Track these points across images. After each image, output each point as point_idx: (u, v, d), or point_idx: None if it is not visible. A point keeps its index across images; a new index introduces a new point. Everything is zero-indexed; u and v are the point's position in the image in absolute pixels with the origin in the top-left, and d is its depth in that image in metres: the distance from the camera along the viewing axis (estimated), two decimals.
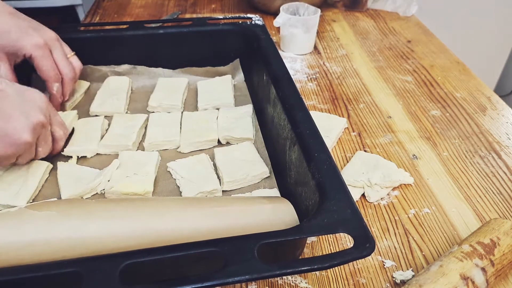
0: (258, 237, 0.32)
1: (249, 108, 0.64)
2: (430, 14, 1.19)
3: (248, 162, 0.54)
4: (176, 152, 0.58)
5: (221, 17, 0.79)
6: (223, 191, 0.52)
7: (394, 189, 0.55)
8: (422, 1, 1.13)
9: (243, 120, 0.62)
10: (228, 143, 0.60)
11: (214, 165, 0.55)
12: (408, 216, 0.52)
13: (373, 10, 1.12)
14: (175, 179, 0.53)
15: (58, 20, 1.43)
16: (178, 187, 0.52)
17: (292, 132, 0.47)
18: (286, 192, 0.50)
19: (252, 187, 0.53)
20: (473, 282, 0.38)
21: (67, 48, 0.62)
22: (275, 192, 0.51)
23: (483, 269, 0.39)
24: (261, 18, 0.74)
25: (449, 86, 0.79)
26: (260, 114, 0.64)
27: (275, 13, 0.92)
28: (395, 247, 0.48)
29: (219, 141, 0.60)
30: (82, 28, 0.73)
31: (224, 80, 0.71)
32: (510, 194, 0.55)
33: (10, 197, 0.48)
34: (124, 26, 0.71)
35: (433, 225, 0.50)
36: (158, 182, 0.53)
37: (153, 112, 0.66)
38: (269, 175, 0.54)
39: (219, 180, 0.53)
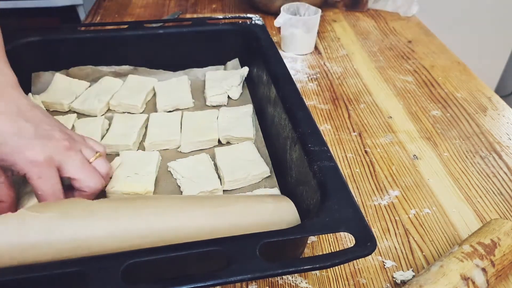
0: (260, 236, 0.32)
1: (249, 108, 0.64)
2: (431, 15, 1.19)
3: (249, 162, 0.54)
4: (177, 152, 0.59)
5: (221, 17, 0.79)
6: (224, 190, 0.52)
7: (394, 189, 0.55)
8: (423, 2, 1.13)
9: (243, 119, 0.62)
10: (228, 143, 0.60)
11: (215, 164, 0.55)
12: (409, 216, 0.52)
13: (374, 10, 1.12)
14: (175, 178, 0.53)
15: (59, 20, 1.43)
16: (179, 186, 0.52)
17: (292, 131, 0.47)
18: (287, 191, 0.50)
19: (253, 187, 0.53)
20: (473, 283, 0.38)
21: (89, 152, 0.47)
22: (276, 191, 0.51)
23: (483, 269, 0.39)
24: (260, 18, 0.75)
25: (450, 86, 0.79)
26: (260, 113, 0.64)
27: (276, 13, 0.92)
28: (395, 247, 0.48)
29: (219, 141, 0.60)
30: (82, 28, 0.73)
31: (181, 81, 0.70)
32: (510, 195, 0.55)
33: None
34: (124, 26, 0.71)
35: (434, 226, 0.50)
36: (159, 181, 0.53)
37: (115, 111, 0.65)
38: (269, 174, 0.54)
39: (220, 179, 0.53)
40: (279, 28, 0.93)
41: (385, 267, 0.45)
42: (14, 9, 1.36)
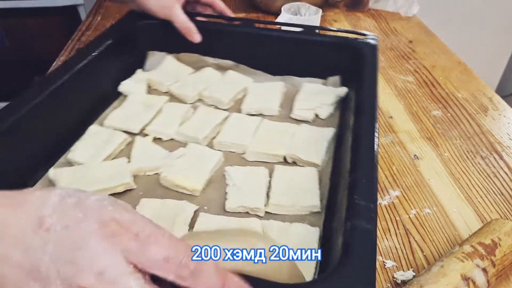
0: None
1: (329, 132, 0.59)
2: (432, 15, 1.19)
3: (303, 190, 0.50)
4: (240, 158, 0.56)
5: (334, 28, 0.76)
6: (266, 212, 0.48)
7: (395, 189, 0.55)
8: (424, 2, 1.13)
9: (318, 143, 0.57)
10: (294, 163, 0.56)
11: (270, 182, 0.52)
12: (409, 217, 0.52)
13: (375, 10, 1.12)
14: (227, 184, 0.51)
15: (60, 20, 1.43)
16: (226, 193, 0.50)
17: (348, 173, 0.42)
18: (327, 234, 0.45)
19: (295, 218, 0.48)
20: (474, 283, 0.38)
21: None
22: (315, 231, 0.45)
23: (484, 269, 0.39)
24: (377, 37, 0.68)
25: (451, 86, 0.79)
26: (340, 141, 0.58)
27: (277, 13, 0.92)
28: (396, 247, 0.48)
29: (285, 158, 0.56)
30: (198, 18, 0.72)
31: (275, 86, 0.68)
32: (511, 195, 0.55)
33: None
34: (237, 22, 0.73)
35: (434, 226, 0.50)
36: (210, 183, 0.52)
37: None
38: (319, 210, 0.49)
39: (268, 199, 0.49)
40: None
41: (385, 267, 0.45)
42: (15, 9, 1.36)
